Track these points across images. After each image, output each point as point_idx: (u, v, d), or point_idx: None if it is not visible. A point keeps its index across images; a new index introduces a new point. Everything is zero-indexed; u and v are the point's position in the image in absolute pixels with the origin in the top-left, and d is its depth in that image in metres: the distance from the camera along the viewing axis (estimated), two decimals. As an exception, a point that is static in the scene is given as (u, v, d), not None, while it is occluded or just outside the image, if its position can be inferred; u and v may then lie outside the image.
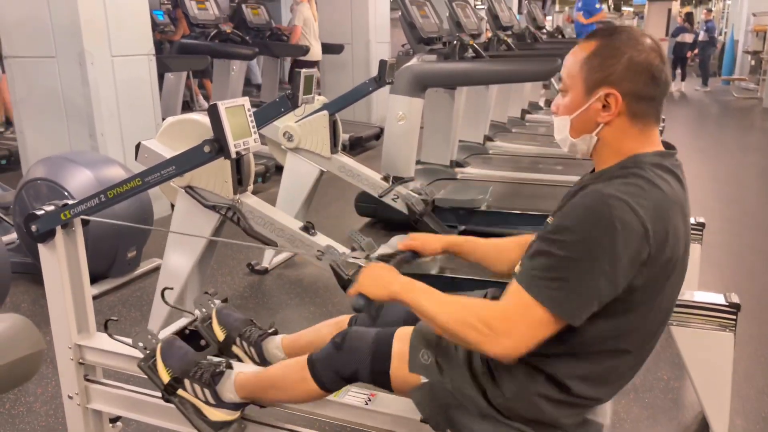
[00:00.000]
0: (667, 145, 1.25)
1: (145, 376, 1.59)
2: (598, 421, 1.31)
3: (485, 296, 1.49)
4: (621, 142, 1.20)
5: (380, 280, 1.28)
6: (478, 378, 1.28)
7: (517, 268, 1.22)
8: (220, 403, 1.51)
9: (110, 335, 1.70)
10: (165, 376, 1.54)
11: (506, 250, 1.54)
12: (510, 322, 1.12)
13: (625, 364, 1.23)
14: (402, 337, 1.36)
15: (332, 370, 1.38)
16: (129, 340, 1.65)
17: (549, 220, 1.29)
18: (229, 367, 1.55)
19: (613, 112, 1.18)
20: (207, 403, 1.51)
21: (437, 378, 1.30)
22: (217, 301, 1.81)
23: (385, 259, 1.52)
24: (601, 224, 1.08)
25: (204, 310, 1.78)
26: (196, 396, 1.52)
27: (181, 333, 1.75)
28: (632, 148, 1.20)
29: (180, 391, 1.53)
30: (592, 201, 1.11)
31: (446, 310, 1.19)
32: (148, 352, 1.60)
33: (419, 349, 1.33)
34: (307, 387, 1.40)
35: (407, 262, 1.56)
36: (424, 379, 1.31)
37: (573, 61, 1.22)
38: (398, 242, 1.59)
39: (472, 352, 1.30)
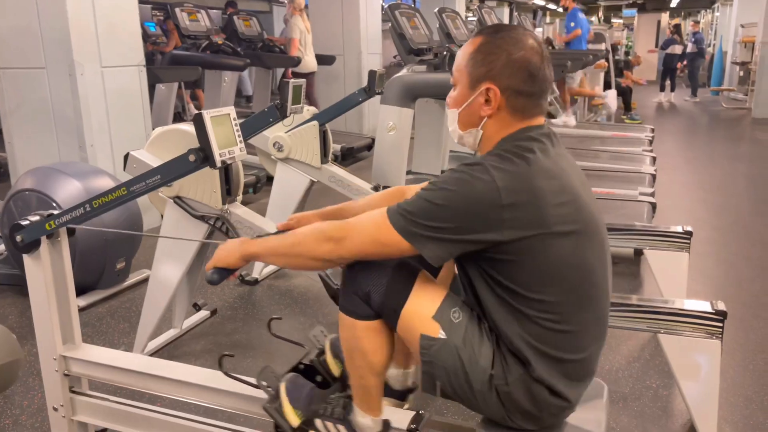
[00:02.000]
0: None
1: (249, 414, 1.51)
2: (592, 431, 1.31)
3: None
4: (502, 134, 1.28)
5: (231, 249, 1.37)
6: (492, 356, 1.26)
7: None
8: None
9: (226, 373, 1.57)
10: (294, 419, 1.44)
11: (384, 203, 1.51)
12: (348, 229, 1.25)
13: (578, 324, 1.25)
14: (426, 280, 1.33)
15: (351, 293, 1.33)
16: (251, 380, 1.54)
17: None
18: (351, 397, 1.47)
19: (493, 106, 1.26)
20: None
21: (458, 340, 1.26)
22: (328, 333, 1.70)
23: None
24: (456, 178, 1.19)
25: (317, 341, 1.67)
26: None
27: (295, 368, 1.62)
28: None
29: None
30: (458, 165, 1.22)
31: (297, 238, 1.29)
32: (273, 393, 1.50)
33: (453, 305, 1.30)
34: (358, 330, 1.34)
35: None
36: (442, 334, 1.27)
37: (461, 56, 1.30)
38: (278, 224, 1.59)
39: (498, 338, 1.27)
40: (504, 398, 1.25)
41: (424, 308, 1.28)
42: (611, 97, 8.22)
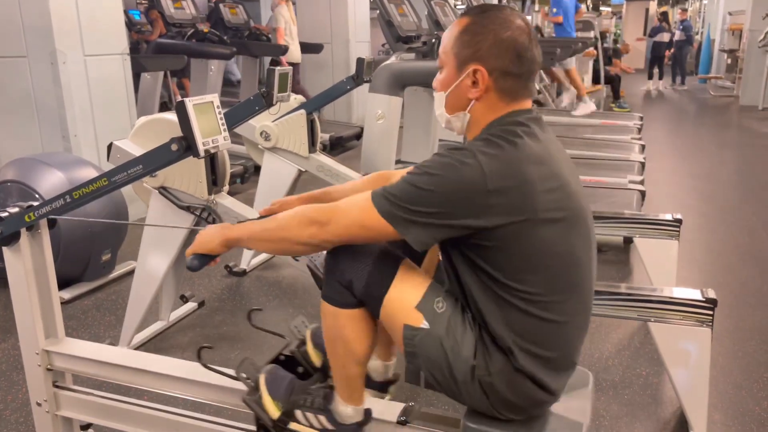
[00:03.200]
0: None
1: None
2: (578, 421, 1.29)
3: None
4: (490, 117, 1.25)
5: (212, 234, 1.35)
6: (474, 347, 1.24)
7: None
8: (339, 427, 1.40)
9: (205, 365, 1.54)
10: (274, 411, 1.42)
11: (368, 187, 1.49)
12: (333, 213, 1.23)
13: (562, 313, 1.23)
14: (410, 269, 1.31)
15: (335, 280, 1.30)
16: (230, 371, 1.51)
17: None
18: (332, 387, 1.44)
19: (480, 88, 1.23)
20: (324, 430, 1.41)
21: (441, 330, 1.24)
22: (309, 324, 1.67)
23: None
24: (443, 163, 1.16)
25: (298, 331, 1.66)
26: (311, 425, 1.41)
27: (275, 359, 1.60)
28: None
29: (292, 425, 1.42)
30: (444, 150, 1.20)
31: (280, 222, 1.27)
32: (252, 384, 1.47)
33: (437, 294, 1.28)
34: (340, 318, 1.31)
35: None
36: (425, 324, 1.25)
37: (447, 37, 1.27)
38: (260, 210, 1.58)
39: (481, 329, 1.25)
40: (487, 389, 1.24)
41: (407, 297, 1.26)
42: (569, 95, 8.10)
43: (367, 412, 1.41)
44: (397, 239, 1.21)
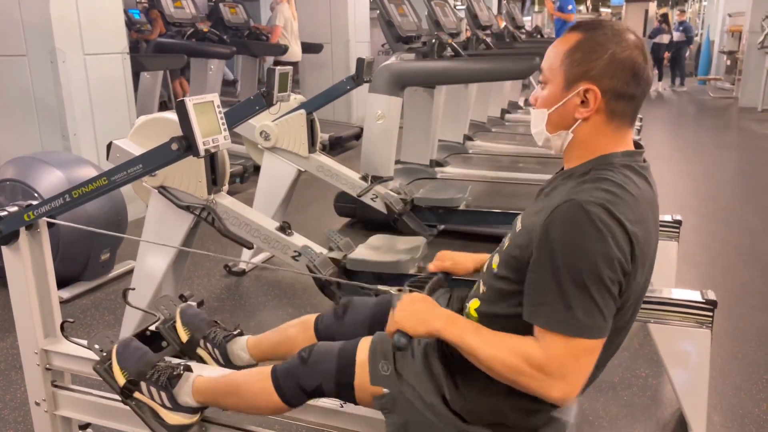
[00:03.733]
0: (636, 145, 1.22)
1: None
2: (563, 419, 1.29)
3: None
4: (594, 140, 1.18)
5: (419, 315, 1.20)
6: (438, 383, 1.26)
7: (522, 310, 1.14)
8: (176, 407, 1.48)
9: (66, 337, 1.65)
10: (120, 379, 1.50)
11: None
12: (559, 363, 1.07)
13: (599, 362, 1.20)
14: (364, 348, 1.34)
15: (296, 383, 1.35)
16: (84, 342, 1.61)
17: (518, 219, 1.28)
18: (188, 369, 1.51)
19: (591, 108, 1.15)
20: (163, 406, 1.48)
21: (398, 388, 1.28)
22: (184, 304, 1.77)
23: (417, 284, 1.42)
24: (584, 229, 1.05)
25: (166, 310, 1.74)
26: (153, 399, 1.49)
27: (142, 334, 1.70)
28: (603, 148, 1.17)
29: (137, 394, 1.50)
30: (568, 210, 1.07)
31: (493, 353, 1.12)
32: (104, 354, 1.56)
33: (378, 360, 1.31)
34: (268, 398, 1.37)
35: (441, 286, 1.51)
36: (386, 390, 1.29)
37: (555, 54, 1.19)
38: (430, 265, 1.54)
39: (430, 358, 1.28)
40: (470, 417, 1.24)
41: (365, 378, 1.31)
42: None
43: (203, 411, 1.52)
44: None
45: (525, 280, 1.14)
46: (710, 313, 1.96)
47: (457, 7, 8.78)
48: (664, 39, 12.59)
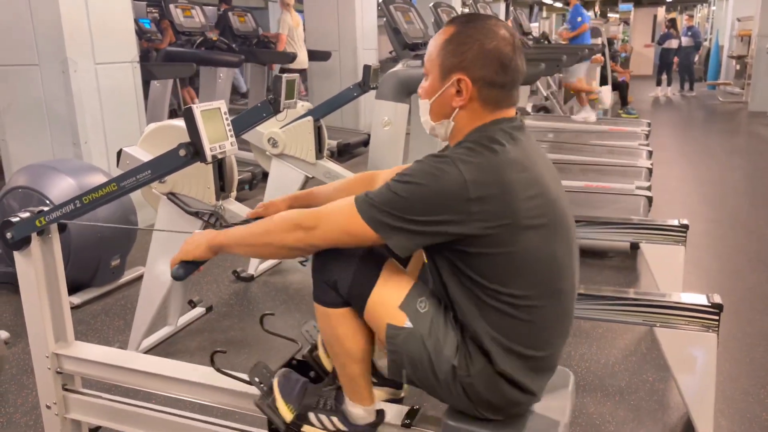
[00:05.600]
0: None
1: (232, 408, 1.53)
2: (556, 419, 1.31)
3: None
4: (473, 125, 1.26)
5: (197, 241, 1.36)
6: (454, 350, 1.26)
7: None
8: (351, 427, 1.41)
9: (218, 369, 1.54)
10: (287, 414, 1.43)
11: (352, 189, 1.55)
12: (323, 215, 1.24)
13: (544, 318, 1.25)
14: (394, 269, 1.33)
15: (321, 281, 1.33)
16: (244, 376, 1.51)
17: None
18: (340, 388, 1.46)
19: (464, 97, 1.24)
20: (338, 431, 1.42)
21: (424, 330, 1.26)
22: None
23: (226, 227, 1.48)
24: (424, 171, 1.17)
25: (310, 336, 1.66)
26: (324, 427, 1.43)
27: (287, 363, 1.61)
28: None
29: (306, 428, 1.43)
30: (425, 157, 1.21)
31: (265, 227, 1.28)
32: (265, 388, 1.48)
33: (420, 294, 1.30)
34: (330, 319, 1.35)
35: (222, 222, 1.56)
36: (408, 324, 1.26)
37: (433, 46, 1.28)
38: (246, 213, 1.59)
39: (466, 322, 1.27)
40: (467, 389, 1.26)
41: (390, 297, 1.28)
42: (605, 93, 8.20)
43: (380, 413, 1.43)
44: (380, 244, 1.23)
45: None
46: (716, 317, 1.96)
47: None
48: (673, 44, 12.56)
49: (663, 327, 2.03)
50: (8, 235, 1.61)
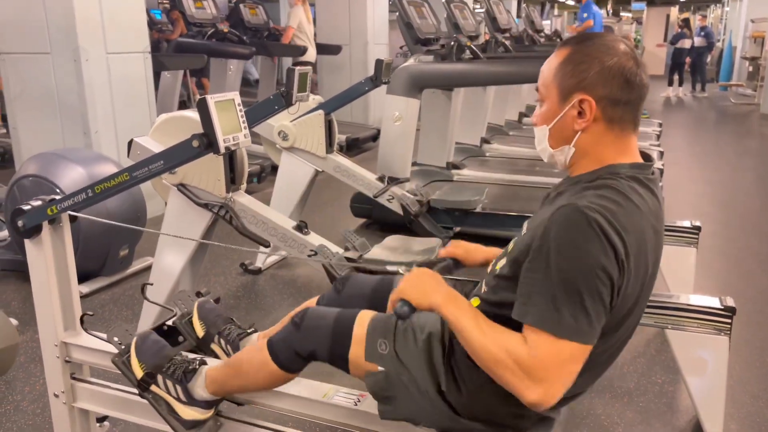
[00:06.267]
0: (645, 156, 1.22)
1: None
2: (550, 416, 1.29)
3: None
4: (597, 150, 1.18)
5: (424, 286, 1.21)
6: (436, 372, 1.27)
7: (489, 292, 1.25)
8: (192, 401, 1.50)
9: (86, 330, 1.68)
10: (138, 372, 1.53)
11: None
12: (543, 365, 1.05)
13: (587, 370, 1.16)
14: (363, 322, 1.35)
15: (291, 349, 1.37)
16: (104, 335, 1.63)
17: (525, 223, 1.28)
18: (203, 363, 1.54)
19: (588, 118, 1.16)
20: (179, 400, 1.50)
21: (393, 368, 1.29)
22: (202, 299, 1.79)
23: (427, 265, 1.43)
24: (582, 234, 1.05)
25: (184, 306, 1.76)
26: (169, 392, 1.51)
27: (159, 328, 1.72)
28: (609, 158, 1.18)
29: (153, 387, 1.52)
30: (568, 214, 1.07)
31: (483, 340, 1.12)
32: (123, 347, 1.58)
33: (377, 338, 1.32)
34: (268, 369, 1.40)
35: (449, 272, 1.52)
36: (380, 368, 1.30)
37: (547, 69, 1.21)
38: (441, 249, 1.55)
39: (432, 346, 1.28)
40: (461, 410, 1.25)
41: (360, 352, 1.32)
42: None
43: (217, 405, 1.54)
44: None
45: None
46: (729, 320, 1.94)
47: (476, 10, 8.77)
48: (686, 44, 12.47)
49: (674, 329, 2.01)
50: (20, 223, 1.60)
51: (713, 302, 1.99)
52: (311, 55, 7.24)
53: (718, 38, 16.33)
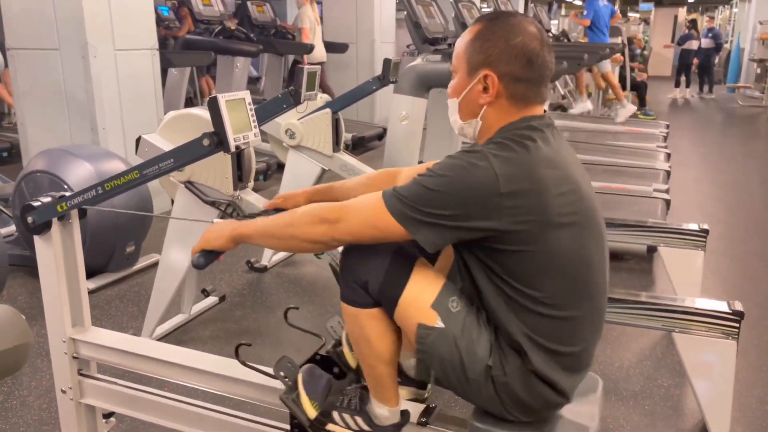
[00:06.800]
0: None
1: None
2: (585, 425, 1.29)
3: None
4: (501, 123, 1.25)
5: (220, 231, 1.35)
6: (487, 349, 1.24)
7: None
8: (375, 428, 1.39)
9: (242, 362, 1.52)
10: (311, 411, 1.41)
11: (374, 184, 1.54)
12: (350, 209, 1.22)
13: (577, 315, 1.23)
14: (425, 268, 1.30)
15: (354, 274, 1.30)
16: (269, 370, 1.50)
17: None
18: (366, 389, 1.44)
19: (491, 93, 1.23)
20: (362, 431, 1.41)
21: (455, 330, 1.24)
22: (345, 325, 1.62)
23: (248, 216, 1.48)
24: (455, 165, 1.16)
25: (335, 332, 1.65)
26: (348, 427, 1.41)
27: (312, 359, 1.59)
28: None
29: (329, 426, 1.41)
30: (456, 153, 1.20)
31: (290, 219, 1.27)
32: (290, 383, 1.46)
33: (452, 293, 1.28)
34: (373, 320, 1.31)
35: (239, 212, 1.55)
36: (439, 323, 1.24)
37: (460, 44, 1.28)
38: (263, 203, 1.57)
39: (498, 320, 1.25)
40: (500, 389, 1.24)
41: (421, 297, 1.26)
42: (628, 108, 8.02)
43: (405, 414, 1.41)
44: (407, 239, 1.21)
45: None
46: (737, 324, 1.94)
47: (482, 9, 8.76)
48: (693, 45, 12.42)
49: (682, 332, 2.01)
50: (29, 219, 1.61)
51: (721, 306, 1.98)
52: (321, 54, 7.25)
53: (726, 40, 16.26)
